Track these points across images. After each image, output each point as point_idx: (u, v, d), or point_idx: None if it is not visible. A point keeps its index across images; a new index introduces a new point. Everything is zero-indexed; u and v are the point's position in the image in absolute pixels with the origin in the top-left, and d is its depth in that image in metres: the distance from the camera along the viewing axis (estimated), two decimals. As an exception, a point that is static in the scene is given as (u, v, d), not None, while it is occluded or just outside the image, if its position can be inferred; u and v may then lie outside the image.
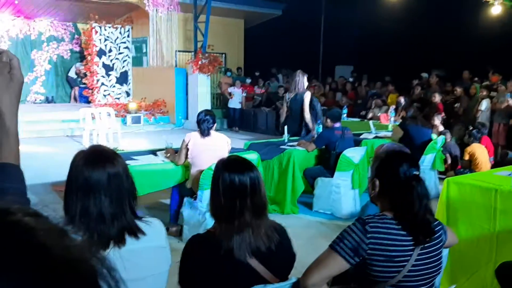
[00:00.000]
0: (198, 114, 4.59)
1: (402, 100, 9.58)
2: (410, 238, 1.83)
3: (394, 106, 9.39)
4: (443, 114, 9.05)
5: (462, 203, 3.57)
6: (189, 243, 1.84)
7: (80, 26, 15.21)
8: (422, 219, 1.85)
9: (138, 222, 1.74)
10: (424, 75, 11.87)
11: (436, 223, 1.95)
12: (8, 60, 1.06)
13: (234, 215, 1.79)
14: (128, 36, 14.44)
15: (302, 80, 6.88)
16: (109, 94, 14.10)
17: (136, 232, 1.69)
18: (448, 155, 7.65)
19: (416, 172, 1.90)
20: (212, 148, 4.54)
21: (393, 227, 1.83)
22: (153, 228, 1.77)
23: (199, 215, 4.37)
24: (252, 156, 5.29)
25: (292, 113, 6.85)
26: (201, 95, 13.09)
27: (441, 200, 3.71)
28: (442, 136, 6.93)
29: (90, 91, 13.91)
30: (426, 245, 1.86)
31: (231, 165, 1.90)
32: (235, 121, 13.65)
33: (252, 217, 1.79)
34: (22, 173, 1.06)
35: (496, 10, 11.12)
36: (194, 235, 1.90)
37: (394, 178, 1.88)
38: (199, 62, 12.74)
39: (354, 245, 1.78)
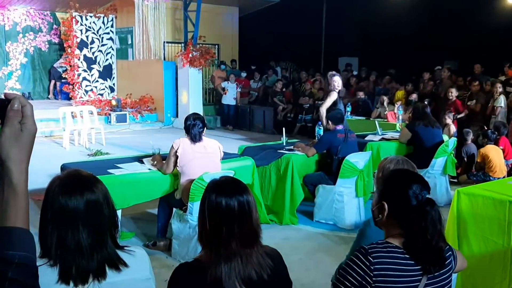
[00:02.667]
0: (186, 119, 4.60)
1: (414, 97, 9.58)
2: (418, 267, 1.84)
3: (400, 103, 9.41)
4: (466, 111, 9.03)
5: (474, 215, 3.60)
6: (175, 273, 1.86)
7: (59, 15, 15.15)
8: (434, 247, 1.85)
9: (120, 253, 1.75)
10: (438, 68, 11.87)
11: (446, 248, 1.96)
12: (20, 108, 1.04)
13: (220, 243, 1.80)
14: (111, 26, 14.40)
15: (337, 80, 6.82)
16: (91, 90, 14.09)
17: (117, 264, 1.70)
18: (465, 158, 7.67)
19: (429, 195, 1.91)
20: (203, 156, 4.56)
21: (399, 256, 1.83)
22: (137, 259, 1.79)
23: (189, 228, 4.39)
24: (246, 163, 5.32)
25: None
26: (192, 90, 13.09)
27: (452, 212, 3.74)
28: (453, 138, 6.96)
29: (70, 86, 13.88)
30: (435, 274, 1.88)
31: (219, 186, 1.91)
32: (230, 118, 13.67)
33: (240, 247, 1.80)
34: (32, 238, 1.04)
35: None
36: (181, 263, 1.91)
37: (404, 203, 1.88)
38: (190, 55, 12.74)
39: (360, 282, 1.79)
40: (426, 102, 8.48)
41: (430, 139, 6.51)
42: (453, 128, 8.02)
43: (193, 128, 4.53)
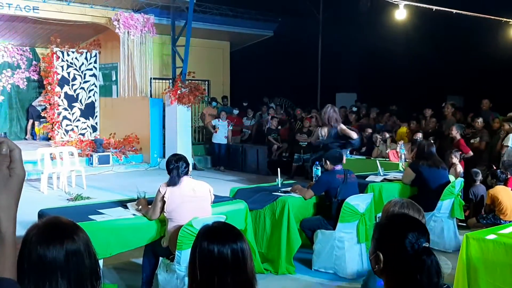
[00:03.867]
0: (167, 162, 4.63)
1: (420, 136, 9.63)
2: None
3: (402, 141, 9.47)
4: (470, 152, 9.08)
5: (484, 262, 3.59)
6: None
7: (39, 51, 15.38)
8: None
9: (102, 308, 1.73)
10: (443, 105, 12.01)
11: None
12: (8, 152, 1.06)
13: None
14: (95, 62, 14.62)
15: (335, 114, 7.31)
16: (72, 129, 14.13)
17: (99, 320, 1.68)
18: (473, 200, 7.68)
19: (426, 244, 1.90)
20: (192, 199, 4.55)
21: None
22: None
23: (177, 279, 4.34)
24: (239, 206, 5.30)
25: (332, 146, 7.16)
26: (181, 129, 13.16)
27: (461, 258, 3.74)
28: (460, 179, 6.99)
29: (49, 126, 13.92)
30: None
31: (211, 232, 1.91)
32: (221, 158, 13.70)
33: None
34: None
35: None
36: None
37: (399, 252, 1.88)
38: (178, 91, 12.87)
39: None
40: (431, 141, 8.55)
41: (436, 180, 6.54)
42: (459, 168, 8.06)
43: (174, 170, 4.54)
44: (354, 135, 7.26)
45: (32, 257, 1.63)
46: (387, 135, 10.47)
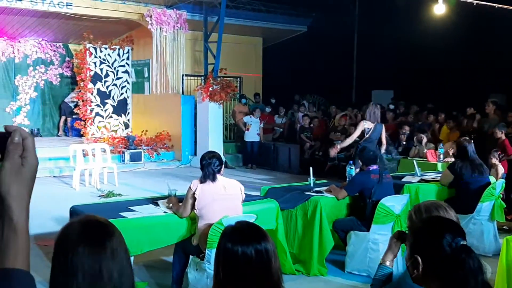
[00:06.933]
0: (201, 158, 4.67)
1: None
2: None
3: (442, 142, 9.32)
4: None
5: (526, 267, 3.51)
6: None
7: (72, 47, 15.70)
8: None
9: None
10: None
11: None
12: (21, 141, 1.07)
13: None
14: (127, 58, 14.83)
15: (378, 111, 8.41)
16: (104, 126, 14.38)
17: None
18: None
19: (463, 242, 1.89)
20: (223, 198, 4.58)
21: None
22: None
23: (207, 278, 4.37)
24: (270, 205, 5.31)
25: (370, 144, 7.97)
26: (212, 126, 13.24)
27: (501, 263, 3.66)
28: (501, 180, 6.84)
29: (82, 123, 14.20)
30: None
31: (235, 232, 1.92)
32: (253, 157, 13.70)
33: None
34: (32, 280, 1.04)
35: None
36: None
37: (438, 253, 1.87)
38: (210, 88, 12.95)
39: None
40: (471, 140, 8.38)
41: (475, 182, 6.40)
42: (501, 169, 7.88)
43: (208, 167, 4.57)
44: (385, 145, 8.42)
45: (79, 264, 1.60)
46: (423, 135, 10.31)
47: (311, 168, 6.64)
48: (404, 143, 10.93)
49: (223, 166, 4.72)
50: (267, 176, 12.31)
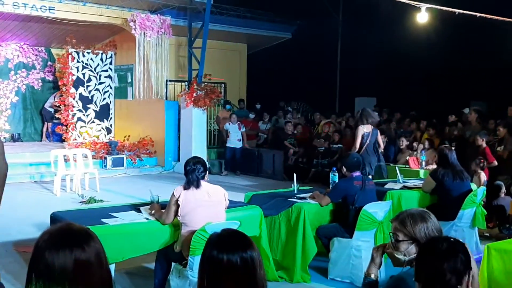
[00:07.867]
0: (185, 164, 4.65)
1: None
2: None
3: (422, 148, 9.41)
4: (494, 162, 8.93)
5: (506, 274, 3.55)
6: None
7: (54, 51, 15.58)
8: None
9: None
10: (466, 110, 11.91)
11: None
12: None
13: None
14: (110, 63, 14.74)
15: (375, 114, 8.81)
16: (86, 131, 14.27)
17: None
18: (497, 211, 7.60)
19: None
20: (207, 204, 4.56)
21: None
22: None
23: (189, 285, 4.35)
24: (254, 212, 5.30)
25: (369, 148, 8.36)
26: (196, 132, 13.21)
27: (482, 269, 3.69)
28: (482, 187, 6.91)
29: (64, 128, 14.07)
30: None
31: (220, 240, 1.91)
32: (235, 163, 13.66)
33: None
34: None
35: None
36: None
37: (440, 280, 1.94)
38: (194, 94, 12.93)
39: None
40: (453, 148, 8.46)
41: (457, 189, 6.45)
42: (483, 177, 7.96)
43: (192, 173, 4.55)
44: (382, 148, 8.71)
45: (41, 263, 1.64)
46: (404, 141, 10.40)
47: (294, 175, 6.65)
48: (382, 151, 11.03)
49: (207, 172, 4.70)
50: (251, 182, 12.31)
